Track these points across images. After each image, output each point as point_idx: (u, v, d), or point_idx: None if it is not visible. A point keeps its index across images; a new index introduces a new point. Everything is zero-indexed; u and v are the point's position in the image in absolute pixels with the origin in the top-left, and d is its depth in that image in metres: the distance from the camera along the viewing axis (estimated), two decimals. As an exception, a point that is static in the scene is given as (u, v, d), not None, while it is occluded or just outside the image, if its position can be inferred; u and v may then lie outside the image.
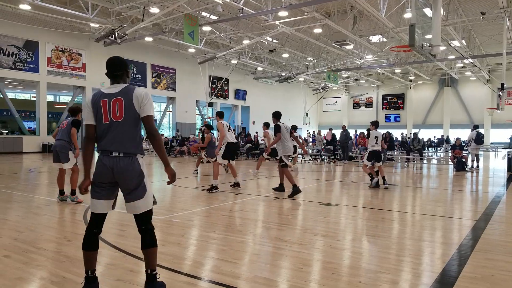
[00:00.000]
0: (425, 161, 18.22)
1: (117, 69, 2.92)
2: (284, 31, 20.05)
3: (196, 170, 12.19)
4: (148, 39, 22.73)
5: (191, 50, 26.71)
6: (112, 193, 2.90)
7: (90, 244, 2.85)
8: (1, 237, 4.44)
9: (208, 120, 32.86)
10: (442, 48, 21.91)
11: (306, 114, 37.93)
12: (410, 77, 37.94)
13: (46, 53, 22.64)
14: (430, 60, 14.70)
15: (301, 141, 11.26)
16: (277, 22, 18.78)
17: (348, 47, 23.28)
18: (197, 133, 17.66)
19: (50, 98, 28.29)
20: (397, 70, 34.57)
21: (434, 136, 34.18)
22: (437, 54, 10.48)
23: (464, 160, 13.81)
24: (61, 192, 6.80)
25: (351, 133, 21.38)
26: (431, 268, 3.62)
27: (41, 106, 23.04)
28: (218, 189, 8.05)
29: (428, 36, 10.51)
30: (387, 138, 18.73)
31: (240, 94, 35.29)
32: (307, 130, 37.97)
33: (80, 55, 24.31)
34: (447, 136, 33.57)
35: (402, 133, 32.01)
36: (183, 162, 17.17)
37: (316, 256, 3.94)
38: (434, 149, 30.08)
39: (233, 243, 4.35)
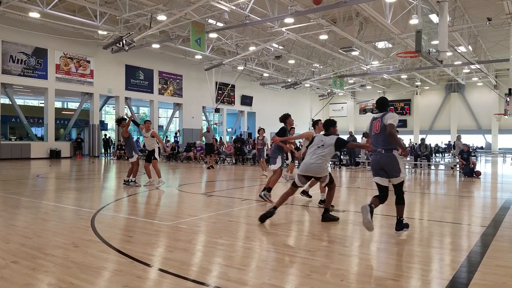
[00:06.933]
0: (432, 167, 18.08)
1: (383, 106, 5.06)
2: (290, 38, 20.11)
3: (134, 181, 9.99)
4: (155, 46, 22.92)
5: (198, 56, 26.87)
6: (386, 175, 4.87)
7: (384, 199, 4.90)
8: (9, 243, 4.46)
9: (215, 126, 33.04)
10: (449, 54, 21.83)
11: (313, 120, 37.93)
12: (416, 83, 37.81)
13: (54, 60, 22.91)
14: (437, 66, 14.64)
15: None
16: (283, 29, 18.85)
17: (354, 53, 23.30)
18: (203, 139, 17.67)
19: (58, 104, 28.55)
20: (403, 76, 34.46)
21: (442, 142, 33.94)
22: (443, 60, 10.46)
23: (473, 166, 13.66)
24: (270, 189, 7.70)
25: (358, 138, 21.31)
26: (441, 275, 3.58)
27: (49, 113, 23.26)
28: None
29: (435, 42, 10.48)
30: None
31: (247, 100, 35.40)
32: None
33: (88, 62, 24.56)
34: (454, 142, 33.28)
35: (410, 140, 31.83)
36: (189, 168, 17.20)
37: (324, 263, 3.91)
38: (442, 154, 29.85)
39: (240, 249, 4.33)
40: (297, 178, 5.82)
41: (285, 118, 7.84)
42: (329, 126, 5.89)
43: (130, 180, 9.84)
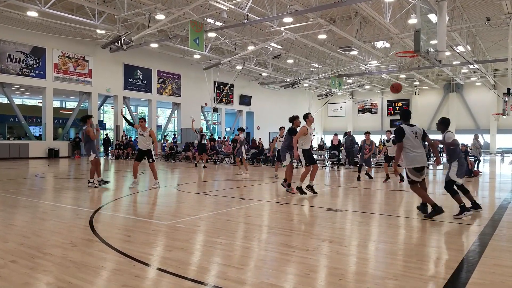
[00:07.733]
0: (431, 166, 18.11)
1: (409, 116, 6.36)
2: (288, 37, 20.10)
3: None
4: (154, 45, 22.87)
5: (196, 56, 26.84)
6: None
7: (454, 192, 6.28)
8: (8, 242, 4.45)
9: (213, 125, 33.01)
10: (447, 53, 21.85)
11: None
12: (415, 83, 37.82)
13: (53, 59, 22.85)
14: (436, 66, 14.67)
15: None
16: (282, 28, 18.84)
17: (352, 53, 23.29)
18: (196, 138, 17.73)
19: (56, 104, 28.49)
20: (402, 76, 34.48)
21: (440, 142, 34.00)
22: (442, 60, 10.46)
23: (471, 166, 13.69)
24: (289, 184, 8.78)
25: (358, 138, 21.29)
26: (439, 274, 3.59)
27: (48, 112, 23.20)
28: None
29: (433, 42, 10.48)
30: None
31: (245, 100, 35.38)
32: (321, 138, 37.96)
33: (87, 61, 24.51)
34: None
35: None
36: (187, 168, 17.19)
37: (322, 262, 3.92)
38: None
39: (239, 249, 4.33)
40: (411, 175, 6.07)
41: (293, 119, 8.94)
42: (407, 115, 6.40)
43: (89, 181, 9.64)
